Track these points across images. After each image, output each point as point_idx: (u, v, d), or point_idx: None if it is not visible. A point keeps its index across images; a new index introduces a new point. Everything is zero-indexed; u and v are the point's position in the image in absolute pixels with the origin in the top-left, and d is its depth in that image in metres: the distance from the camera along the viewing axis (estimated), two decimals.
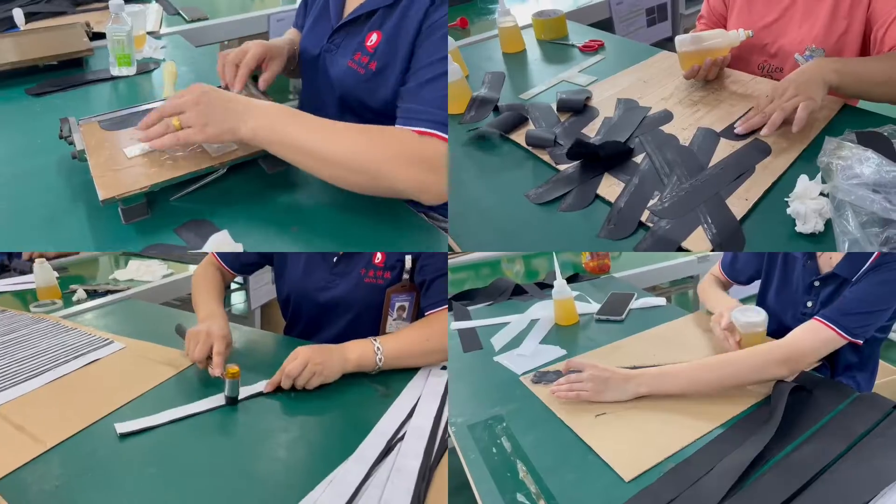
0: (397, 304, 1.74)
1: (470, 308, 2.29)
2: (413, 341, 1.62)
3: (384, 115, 1.49)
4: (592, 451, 1.27)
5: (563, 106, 1.87)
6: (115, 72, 2.07)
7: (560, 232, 1.40)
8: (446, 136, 1.35)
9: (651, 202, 1.40)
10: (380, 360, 1.55)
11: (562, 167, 1.57)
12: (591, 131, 1.74)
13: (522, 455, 1.29)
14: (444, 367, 1.62)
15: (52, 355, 1.70)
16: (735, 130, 1.61)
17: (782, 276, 1.76)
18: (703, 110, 1.76)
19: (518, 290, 2.42)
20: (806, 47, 1.82)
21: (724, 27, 2.08)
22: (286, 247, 1.33)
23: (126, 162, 1.38)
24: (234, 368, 1.41)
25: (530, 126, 1.80)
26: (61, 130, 1.50)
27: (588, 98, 1.90)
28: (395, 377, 1.54)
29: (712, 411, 1.38)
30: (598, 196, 1.45)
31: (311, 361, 1.46)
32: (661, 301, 2.15)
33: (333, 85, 1.62)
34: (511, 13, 2.35)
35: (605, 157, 1.56)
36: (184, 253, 1.46)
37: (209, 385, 1.49)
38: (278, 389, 1.46)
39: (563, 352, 1.82)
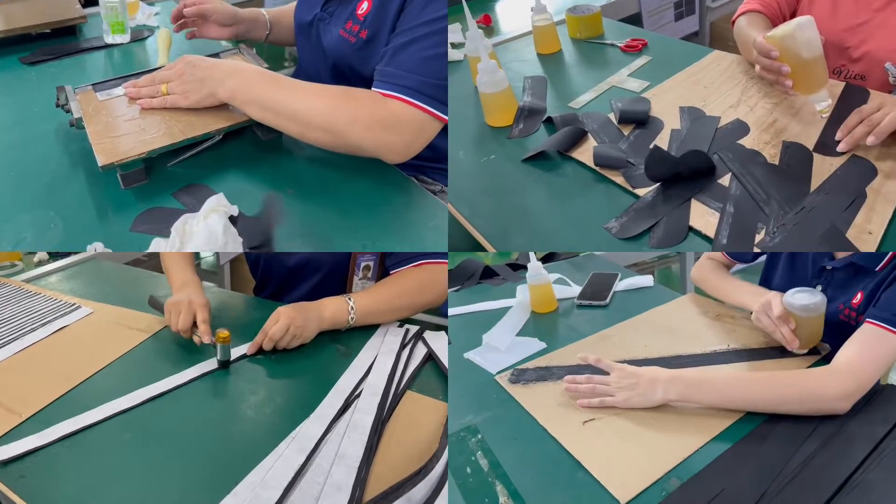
0: (363, 264, 1.76)
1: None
2: (383, 298, 1.63)
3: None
4: (582, 467, 1.08)
5: (626, 117, 1.59)
6: (108, 39, 2.00)
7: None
8: (413, 101, 1.33)
9: (758, 237, 1.15)
10: (352, 317, 1.57)
11: (640, 191, 1.33)
12: (661, 146, 1.46)
13: (502, 475, 1.09)
14: (400, 325, 1.62)
15: (19, 323, 1.64)
16: (838, 147, 1.33)
17: (789, 257, 1.58)
18: (781, 120, 1.48)
19: (488, 273, 2.17)
20: None
21: (782, 17, 1.80)
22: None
23: (123, 129, 1.36)
24: (224, 333, 1.42)
25: (591, 141, 1.53)
26: (58, 99, 1.46)
27: (648, 107, 1.64)
28: (355, 336, 1.56)
29: (715, 412, 1.18)
30: (691, 228, 1.20)
31: (293, 324, 1.48)
32: (648, 281, 1.94)
33: (326, 54, 1.60)
34: (547, 10, 2.05)
35: (689, 176, 1.32)
36: None
37: (180, 349, 1.50)
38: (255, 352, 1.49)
39: (543, 345, 1.58)
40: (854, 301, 1.38)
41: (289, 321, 1.47)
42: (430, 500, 1.00)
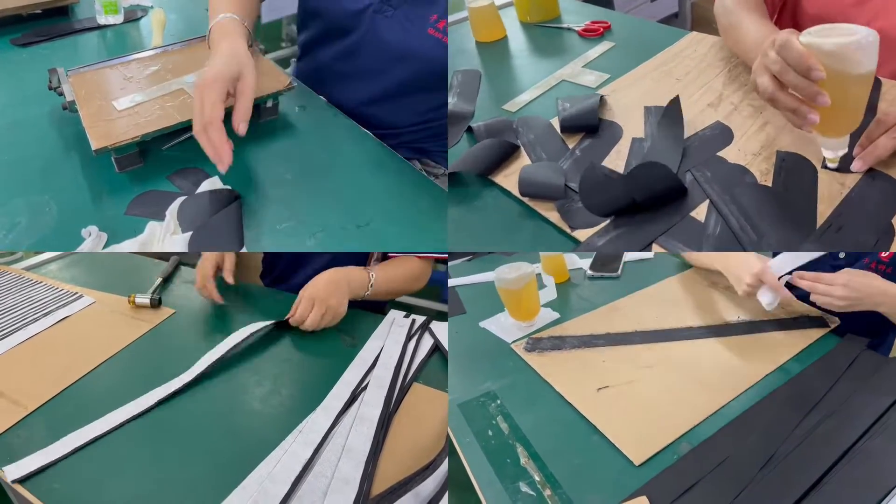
0: None
1: (448, 264, 1.92)
2: (394, 280, 1.60)
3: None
4: (598, 431, 1.06)
5: (571, 124, 1.22)
6: (101, 20, 1.83)
7: None
8: None
9: None
10: (368, 292, 1.53)
11: (580, 234, 1.01)
12: (617, 163, 1.13)
13: (522, 437, 1.08)
14: (406, 315, 1.51)
15: (21, 313, 1.56)
16: (852, 165, 0.99)
17: None
18: (774, 122, 1.14)
19: None
20: None
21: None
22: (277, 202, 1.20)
23: (117, 112, 1.26)
24: None
25: (524, 159, 1.16)
26: (50, 81, 1.34)
27: (602, 107, 1.27)
28: (361, 326, 1.47)
29: (725, 381, 1.15)
30: None
31: (317, 300, 1.42)
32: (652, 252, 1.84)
33: (396, 54, 1.38)
34: None
35: (648, 205, 0.99)
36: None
37: (186, 338, 1.44)
38: (258, 333, 1.41)
39: (556, 315, 1.54)
40: (883, 254, 1.24)
41: (322, 309, 1.41)
42: (438, 495, 0.96)
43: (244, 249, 1.12)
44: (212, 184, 1.21)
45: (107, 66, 1.41)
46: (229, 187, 1.20)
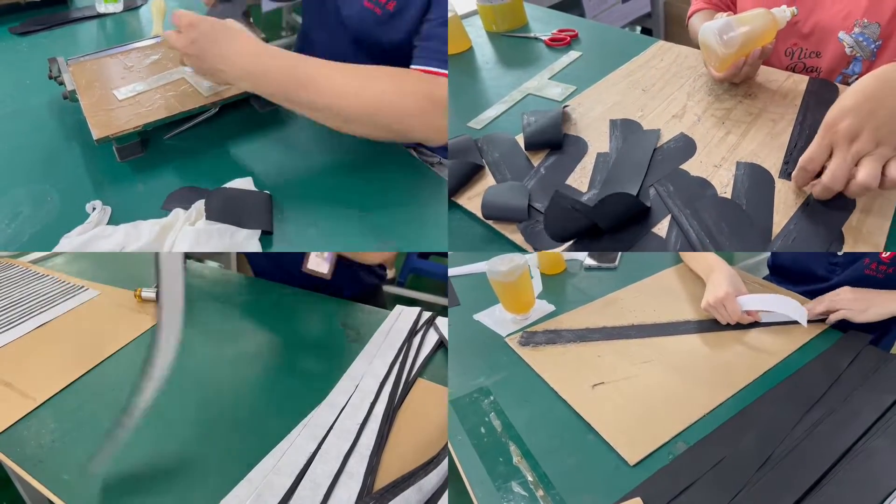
0: None
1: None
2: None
3: (393, 55, 1.20)
4: (592, 430, 0.99)
5: (534, 141, 1.17)
6: (101, 9, 1.74)
7: None
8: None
9: None
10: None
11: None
12: (582, 180, 1.09)
13: (515, 435, 1.01)
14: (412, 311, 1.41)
15: (28, 305, 1.49)
16: (796, 182, 0.98)
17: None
18: (735, 132, 1.13)
19: None
20: (854, 22, 1.19)
21: (734, 2, 1.44)
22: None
23: (118, 101, 1.20)
24: None
25: (488, 179, 1.11)
26: (50, 70, 1.28)
27: (568, 123, 1.22)
28: (365, 320, 1.41)
29: (723, 378, 1.07)
30: None
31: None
32: None
33: (346, 25, 1.28)
34: None
35: (611, 228, 0.97)
36: None
37: (190, 333, 1.21)
38: (264, 327, 1.36)
39: (552, 307, 1.43)
40: (884, 255, 1.17)
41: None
42: (441, 489, 0.91)
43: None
44: (245, 182, 1.14)
45: (107, 55, 1.35)
46: (250, 178, 1.14)
